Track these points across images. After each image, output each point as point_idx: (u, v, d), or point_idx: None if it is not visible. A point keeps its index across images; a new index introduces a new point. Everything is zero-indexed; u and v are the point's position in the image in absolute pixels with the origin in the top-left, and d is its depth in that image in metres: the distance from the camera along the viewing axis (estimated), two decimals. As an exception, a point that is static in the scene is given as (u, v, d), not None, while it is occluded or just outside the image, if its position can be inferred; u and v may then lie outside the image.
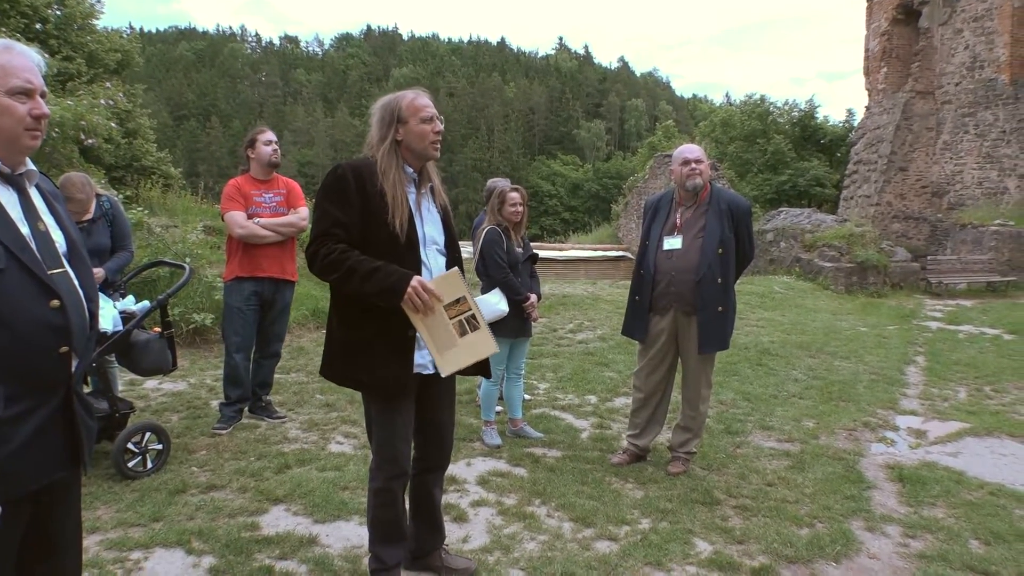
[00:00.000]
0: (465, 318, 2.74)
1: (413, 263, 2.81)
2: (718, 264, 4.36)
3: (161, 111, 72.36)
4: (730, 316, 4.48)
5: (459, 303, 2.73)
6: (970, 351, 9.02)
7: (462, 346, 2.75)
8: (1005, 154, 19.94)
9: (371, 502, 2.98)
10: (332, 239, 2.73)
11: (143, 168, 14.30)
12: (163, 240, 8.45)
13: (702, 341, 4.40)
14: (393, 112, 2.84)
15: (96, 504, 3.76)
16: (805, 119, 36.50)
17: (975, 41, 20.70)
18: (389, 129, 2.83)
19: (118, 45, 17.61)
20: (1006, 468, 4.83)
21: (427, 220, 2.94)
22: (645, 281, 4.55)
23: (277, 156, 5.16)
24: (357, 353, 2.82)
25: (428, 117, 2.84)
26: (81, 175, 4.74)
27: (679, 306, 4.45)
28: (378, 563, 2.98)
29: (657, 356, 4.58)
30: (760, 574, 3.29)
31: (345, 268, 2.68)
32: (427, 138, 2.84)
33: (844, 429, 5.58)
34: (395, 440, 2.88)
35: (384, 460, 2.90)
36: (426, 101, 2.87)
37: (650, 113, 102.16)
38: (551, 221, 70.15)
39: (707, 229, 4.40)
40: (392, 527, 2.98)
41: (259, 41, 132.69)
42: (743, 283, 13.54)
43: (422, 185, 2.94)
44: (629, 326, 4.71)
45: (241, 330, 5.13)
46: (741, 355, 8.05)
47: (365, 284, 2.68)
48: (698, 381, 4.56)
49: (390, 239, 2.75)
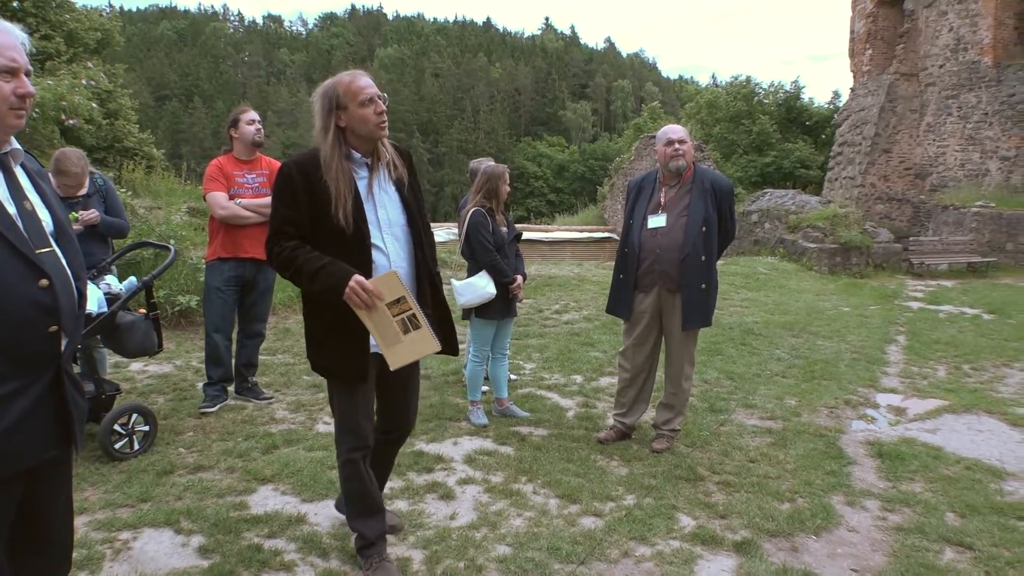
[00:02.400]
0: (406, 317, 2.76)
1: (361, 254, 2.81)
2: (702, 242, 4.41)
3: (143, 91, 71.43)
4: (712, 294, 4.54)
5: (400, 303, 2.75)
6: (950, 330, 9.14)
7: (406, 343, 2.79)
8: (987, 136, 20.08)
9: (341, 476, 3.07)
10: (284, 237, 2.78)
11: (125, 149, 14.19)
12: (147, 222, 8.41)
13: (685, 318, 4.45)
14: (332, 99, 2.78)
15: (83, 486, 3.77)
16: (790, 100, 36.58)
17: (959, 23, 20.78)
18: (330, 117, 2.78)
19: (98, 24, 17.40)
20: (983, 444, 4.93)
21: (382, 203, 2.90)
22: (630, 259, 4.59)
23: (261, 136, 5.14)
24: (320, 341, 2.92)
25: (367, 99, 2.76)
26: (76, 150, 4.79)
27: (663, 284, 4.49)
28: (362, 540, 3.05)
29: (642, 334, 4.63)
30: (742, 548, 3.35)
31: (295, 267, 2.75)
32: (370, 120, 2.78)
33: (825, 407, 5.67)
34: (356, 415, 2.95)
35: (345, 432, 2.97)
36: (364, 82, 2.79)
37: (636, 94, 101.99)
38: (537, 203, 70.03)
39: (691, 208, 4.44)
40: (365, 499, 3.03)
41: (242, 20, 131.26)
42: (728, 263, 13.64)
43: (375, 167, 2.90)
44: (614, 304, 4.75)
45: (220, 310, 5.15)
46: (725, 335, 8.12)
47: (312, 283, 2.75)
48: (681, 358, 4.61)
49: (337, 232, 2.76)
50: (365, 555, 3.03)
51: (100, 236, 4.85)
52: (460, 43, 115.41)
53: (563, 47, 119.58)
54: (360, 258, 2.80)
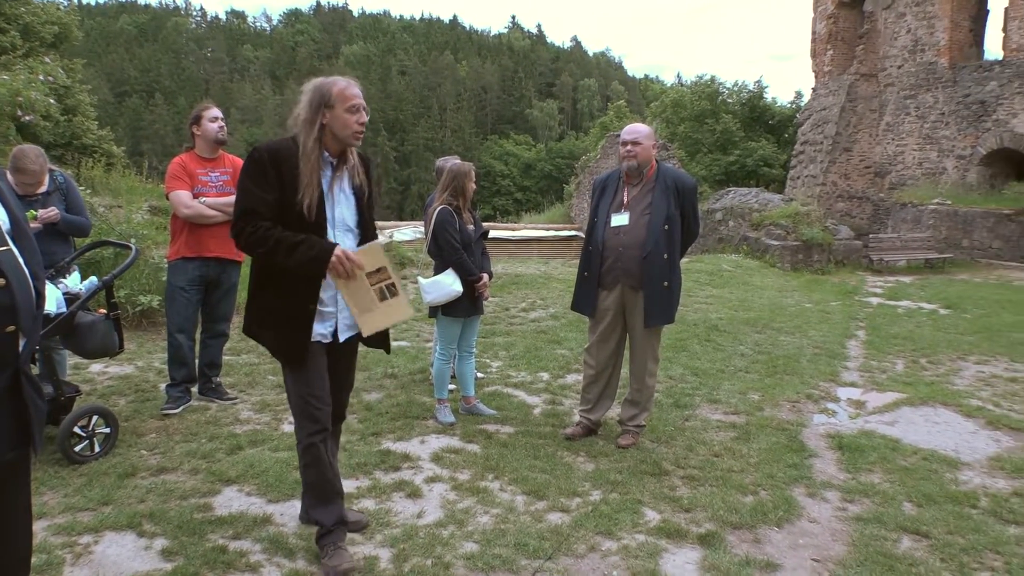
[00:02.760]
0: (385, 285, 2.99)
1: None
2: (664, 240, 4.45)
3: (102, 87, 70.13)
4: (675, 291, 4.58)
5: (380, 272, 2.96)
6: (908, 325, 9.34)
7: (381, 309, 3.00)
8: (944, 135, 20.55)
9: (300, 463, 3.15)
10: (256, 216, 2.86)
11: (84, 146, 13.94)
12: (107, 220, 8.26)
13: (648, 315, 4.50)
14: (323, 96, 2.91)
15: (42, 489, 3.70)
16: (754, 100, 37.03)
17: (917, 25, 21.23)
18: (317, 112, 2.90)
19: (55, 17, 17.05)
20: (939, 435, 5.05)
21: (339, 202, 3.06)
22: (593, 257, 4.63)
23: (224, 133, 5.06)
24: (265, 317, 3.03)
25: (355, 107, 2.93)
26: (35, 147, 4.68)
27: (626, 281, 4.53)
28: (320, 528, 3.13)
29: (606, 331, 4.67)
30: (706, 540, 3.40)
31: (271, 243, 2.84)
32: (350, 127, 2.94)
33: (788, 401, 5.76)
34: (311, 398, 3.04)
35: (303, 418, 3.07)
36: (356, 92, 2.96)
37: (602, 93, 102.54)
38: (504, 201, 70.13)
39: (653, 206, 4.49)
40: (324, 485, 3.13)
41: (204, 16, 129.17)
42: (692, 261, 13.78)
43: (339, 168, 3.04)
44: (578, 301, 4.79)
45: (183, 310, 5.07)
46: (690, 331, 8.21)
47: (290, 257, 2.84)
48: (645, 355, 4.66)
49: (299, 219, 2.88)
50: (322, 543, 3.11)
51: (61, 235, 4.76)
52: (426, 41, 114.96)
53: (530, 46, 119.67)
54: None
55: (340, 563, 3.00)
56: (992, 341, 8.25)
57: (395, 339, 7.42)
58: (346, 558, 3.04)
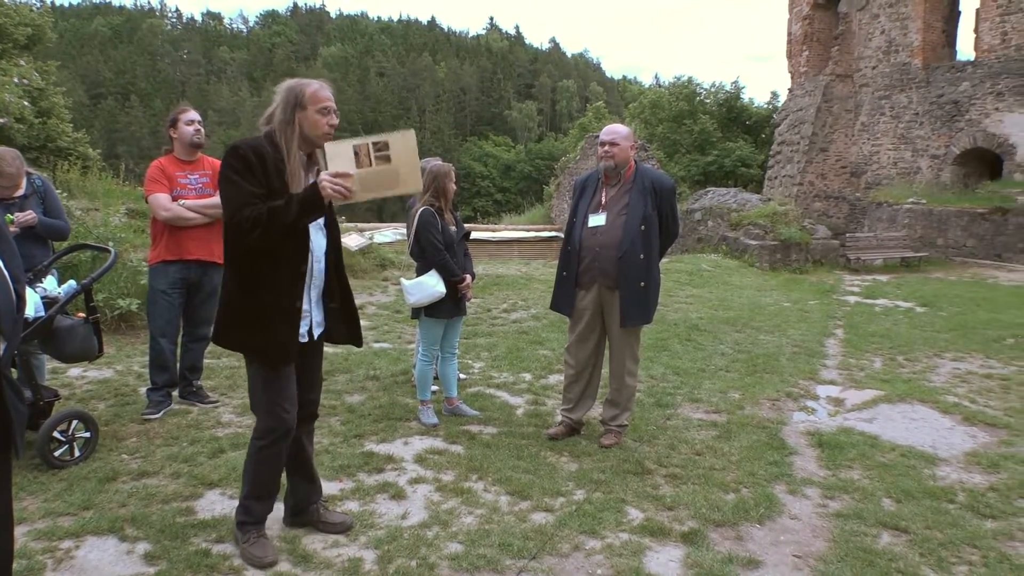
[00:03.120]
0: (375, 155, 2.86)
1: (303, 236, 3.03)
2: (640, 240, 4.47)
3: (76, 89, 69.24)
4: (652, 291, 4.59)
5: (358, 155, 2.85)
6: (885, 323, 9.46)
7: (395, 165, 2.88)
8: (918, 135, 20.83)
9: (253, 459, 3.16)
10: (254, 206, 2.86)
11: (59, 149, 13.78)
12: (84, 224, 8.17)
13: (624, 315, 4.51)
14: (296, 97, 2.97)
15: (22, 495, 3.65)
16: (731, 101, 37.36)
17: (891, 26, 21.50)
18: (292, 112, 2.97)
19: (28, 19, 16.84)
20: (916, 432, 5.13)
21: None
22: (571, 257, 4.66)
23: (200, 136, 5.02)
24: (251, 321, 3.02)
25: (326, 109, 2.99)
26: (11, 150, 4.61)
27: (603, 281, 4.56)
28: (246, 515, 3.19)
29: (585, 330, 4.69)
30: (689, 538, 3.43)
31: (266, 215, 2.83)
32: (320, 128, 2.99)
33: (768, 399, 5.82)
34: (282, 401, 3.08)
35: (272, 420, 3.10)
36: (328, 94, 3.01)
37: (581, 94, 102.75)
38: (484, 202, 70.11)
39: (630, 206, 4.52)
40: (271, 485, 3.22)
41: (180, 17, 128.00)
42: (672, 261, 13.86)
43: (309, 168, 3.09)
44: (557, 301, 4.81)
45: (166, 314, 5.03)
46: (671, 331, 8.27)
47: (287, 215, 2.82)
48: (623, 355, 4.67)
49: None
50: (245, 529, 3.16)
51: (39, 238, 4.70)
52: (404, 42, 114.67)
53: (508, 47, 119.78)
54: (299, 242, 3.02)
55: (264, 555, 3.09)
56: (967, 338, 8.37)
57: (377, 340, 7.42)
58: (268, 550, 3.12)
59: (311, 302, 3.14)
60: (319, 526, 3.38)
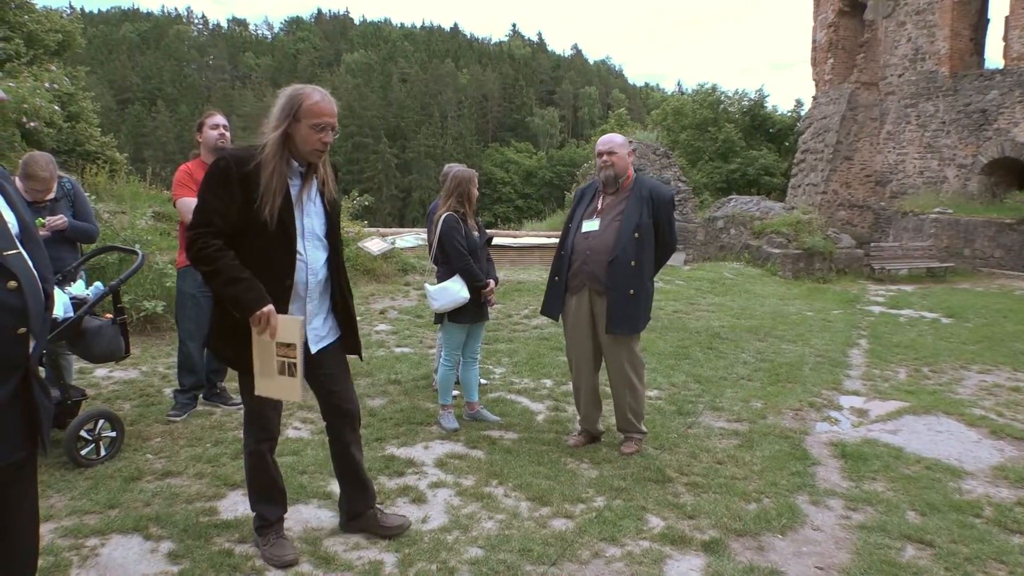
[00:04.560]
0: (288, 363, 2.91)
1: (285, 248, 2.96)
2: (632, 247, 4.43)
3: (104, 94, 70.23)
4: (643, 301, 4.52)
5: (288, 347, 2.89)
6: (910, 334, 9.34)
7: (276, 381, 2.95)
8: (945, 144, 20.58)
9: (246, 465, 3.24)
10: (210, 232, 2.84)
11: (87, 153, 13.97)
12: (111, 227, 8.28)
13: (610, 321, 4.47)
14: (292, 106, 2.90)
15: (49, 492, 3.71)
16: (755, 108, 37.16)
17: (917, 34, 21.29)
18: (285, 121, 2.90)
19: (59, 25, 17.13)
20: (942, 444, 5.06)
21: (309, 212, 3.04)
22: (563, 261, 4.66)
23: (225, 140, 5.03)
24: (231, 332, 3.00)
25: (320, 126, 2.91)
26: (45, 154, 4.69)
27: (592, 285, 4.54)
28: (261, 520, 3.22)
29: (578, 335, 4.68)
30: (710, 547, 3.41)
31: (215, 267, 2.83)
32: (311, 144, 2.92)
33: (790, 409, 5.77)
34: (264, 408, 3.12)
35: (253, 425, 3.15)
36: (326, 109, 2.92)
37: (603, 101, 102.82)
38: (505, 208, 70.17)
39: (625, 213, 4.50)
40: (268, 486, 3.23)
41: (206, 23, 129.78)
42: (694, 269, 13.80)
43: (308, 178, 3.03)
44: (546, 305, 4.82)
45: (194, 317, 5.07)
46: (692, 339, 8.22)
47: (226, 288, 2.84)
48: (620, 361, 4.62)
49: (262, 227, 2.86)
50: (263, 533, 3.20)
51: (68, 241, 4.77)
52: (427, 48, 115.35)
53: (530, 53, 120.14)
54: (284, 255, 2.96)
55: (284, 553, 3.12)
56: (994, 350, 8.25)
57: (399, 345, 7.45)
58: (289, 549, 3.15)
59: (305, 314, 3.07)
60: (377, 531, 3.38)
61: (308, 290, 3.08)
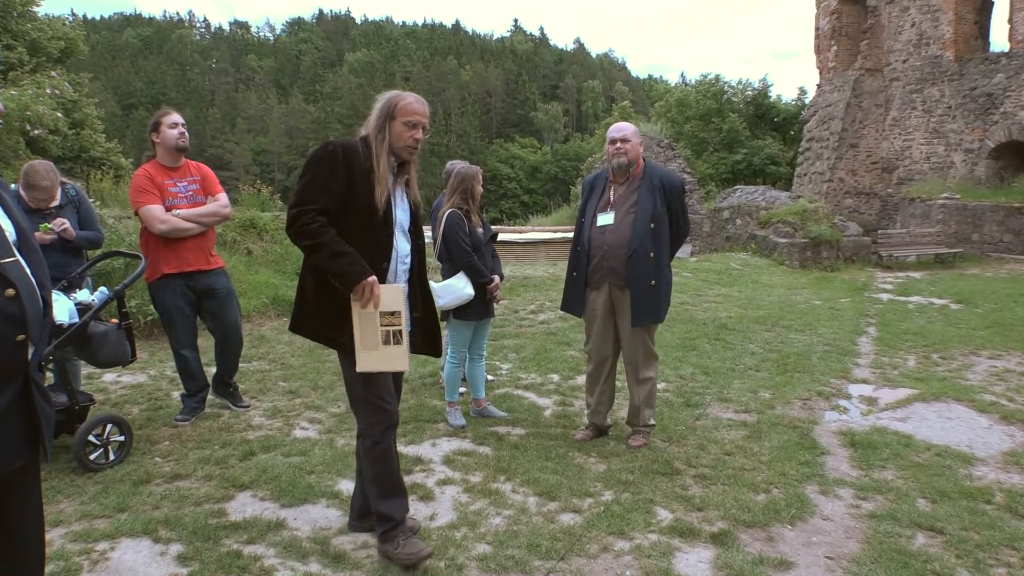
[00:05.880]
0: (393, 331, 2.98)
1: (387, 236, 3.12)
2: (650, 239, 4.42)
3: (108, 100, 70.55)
4: (663, 290, 4.52)
5: (392, 315, 2.97)
6: (919, 321, 9.30)
7: (381, 352, 2.99)
8: (951, 129, 20.46)
9: (366, 461, 3.17)
10: (315, 209, 2.96)
11: (92, 159, 14.03)
12: (117, 232, 8.31)
13: (635, 315, 4.47)
14: (388, 108, 3.09)
15: (58, 498, 3.73)
16: (759, 98, 37.03)
17: (921, 19, 21.15)
18: (384, 121, 3.09)
19: (61, 33, 17.19)
20: (952, 431, 5.03)
21: (399, 206, 3.21)
22: (581, 257, 4.63)
23: (184, 140, 4.85)
24: (330, 312, 3.06)
25: (412, 123, 3.09)
26: (45, 162, 4.65)
27: (612, 280, 4.52)
28: (387, 522, 3.14)
29: (598, 330, 4.67)
30: (719, 539, 3.40)
31: (319, 240, 2.94)
32: (403, 140, 3.09)
33: (799, 399, 5.75)
34: (380, 391, 3.10)
35: (371, 414, 3.12)
36: (419, 108, 3.12)
37: (607, 94, 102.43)
38: (510, 204, 70.11)
39: (639, 205, 4.47)
40: (392, 479, 3.17)
41: (208, 27, 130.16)
42: (701, 260, 13.77)
43: (399, 177, 3.20)
44: (567, 302, 4.79)
45: (182, 327, 4.97)
46: (699, 330, 8.20)
47: (330, 261, 2.94)
48: (636, 354, 4.62)
49: (369, 212, 3.02)
50: (391, 537, 3.12)
51: (73, 247, 4.75)
52: (429, 46, 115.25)
53: (533, 48, 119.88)
54: (385, 239, 3.11)
55: (420, 551, 3.07)
56: (1005, 335, 8.20)
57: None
58: (422, 546, 3.10)
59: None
60: None
61: (397, 278, 3.19)
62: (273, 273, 9.21)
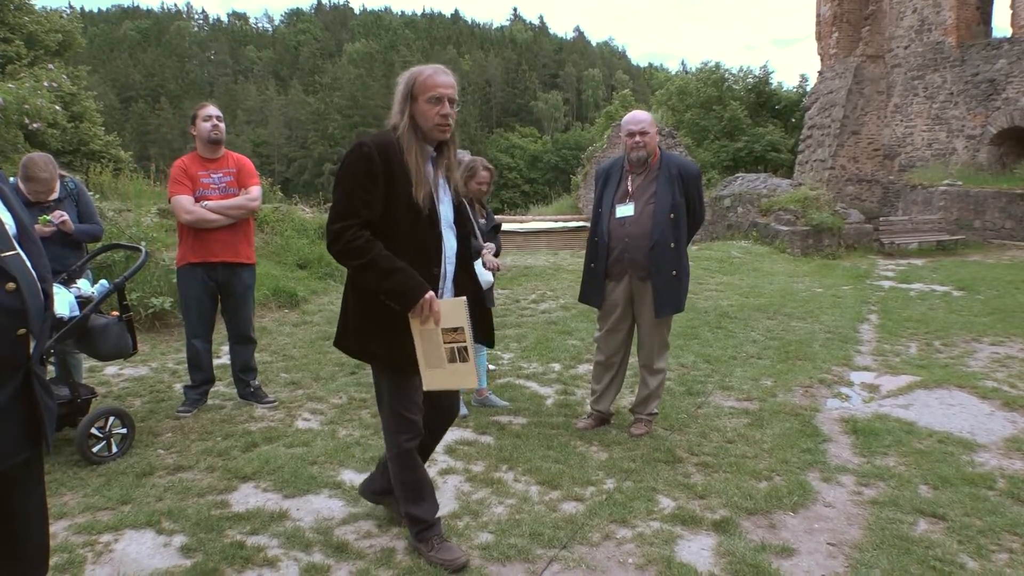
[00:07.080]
0: (457, 348, 2.82)
1: (434, 239, 2.90)
2: (670, 229, 4.42)
3: (107, 93, 70.37)
4: (684, 280, 4.54)
5: (456, 332, 2.80)
6: (921, 308, 9.29)
7: (448, 369, 2.84)
8: (953, 115, 20.38)
9: (393, 468, 3.11)
10: (357, 223, 2.75)
11: (91, 152, 14.00)
12: (116, 224, 8.30)
13: (658, 305, 4.47)
14: (408, 87, 2.83)
15: (62, 490, 3.74)
16: (760, 85, 36.91)
17: (923, 5, 21.03)
18: (406, 104, 2.83)
19: (59, 26, 17.14)
20: (954, 417, 5.03)
21: (442, 200, 2.96)
22: (600, 248, 4.61)
23: (218, 132, 4.92)
24: (373, 329, 2.90)
25: (435, 98, 2.79)
26: (44, 155, 4.66)
27: (634, 272, 4.52)
28: (418, 523, 3.09)
29: (615, 321, 4.66)
30: (721, 526, 3.40)
31: (368, 258, 2.73)
32: (430, 119, 2.81)
33: (801, 386, 5.75)
34: (409, 405, 2.99)
35: (401, 424, 3.01)
36: (441, 80, 2.81)
37: (607, 83, 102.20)
38: (511, 194, 69.99)
39: (658, 195, 4.46)
40: (419, 486, 3.11)
41: (206, 18, 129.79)
42: (702, 248, 13.75)
43: (439, 165, 2.94)
44: (586, 293, 4.77)
45: (198, 316, 5.03)
46: (701, 319, 8.20)
47: (383, 280, 2.74)
48: (653, 344, 4.64)
49: (412, 214, 2.80)
50: (424, 538, 3.08)
51: (73, 240, 4.77)
52: (428, 36, 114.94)
53: (532, 37, 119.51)
54: (432, 241, 2.89)
55: (456, 557, 3.01)
56: (1006, 322, 8.19)
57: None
58: (457, 551, 3.05)
59: None
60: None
61: (445, 279, 3.01)
62: (274, 265, 9.21)
